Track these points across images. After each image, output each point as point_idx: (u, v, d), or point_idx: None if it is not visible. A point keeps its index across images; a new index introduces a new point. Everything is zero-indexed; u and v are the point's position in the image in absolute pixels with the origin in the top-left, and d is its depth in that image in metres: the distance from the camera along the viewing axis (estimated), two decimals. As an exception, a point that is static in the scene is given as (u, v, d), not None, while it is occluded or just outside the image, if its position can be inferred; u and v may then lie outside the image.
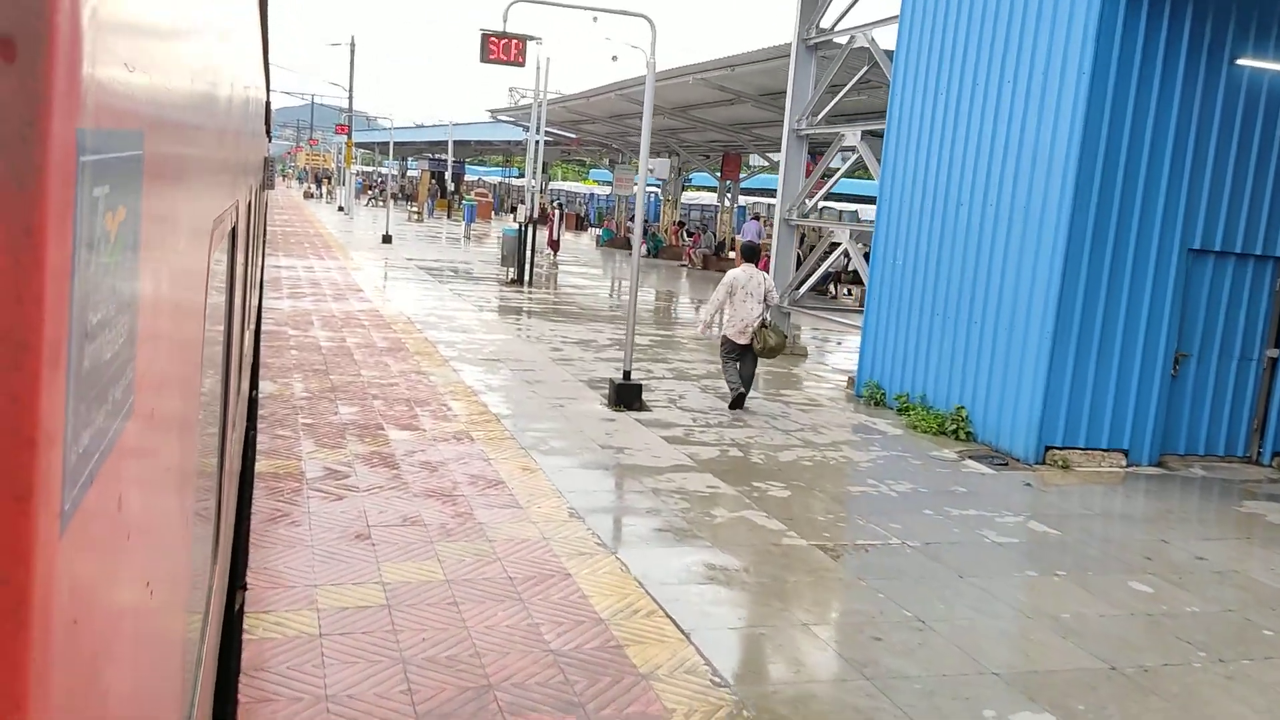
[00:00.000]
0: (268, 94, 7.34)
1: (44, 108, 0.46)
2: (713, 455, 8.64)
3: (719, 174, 33.58)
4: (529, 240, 22.12)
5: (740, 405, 10.69)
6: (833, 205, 39.96)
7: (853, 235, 13.50)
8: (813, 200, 14.77)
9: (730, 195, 33.65)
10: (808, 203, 14.76)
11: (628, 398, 10.13)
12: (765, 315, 10.67)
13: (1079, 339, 8.99)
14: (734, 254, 32.55)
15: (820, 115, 14.46)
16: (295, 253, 25.23)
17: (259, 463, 7.54)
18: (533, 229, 22.12)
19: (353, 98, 46.73)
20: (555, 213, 31.19)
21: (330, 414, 9.12)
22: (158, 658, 1.00)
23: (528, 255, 22.09)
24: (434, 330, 14.37)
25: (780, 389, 12.21)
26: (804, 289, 14.86)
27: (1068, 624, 5.60)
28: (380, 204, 58.97)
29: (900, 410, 10.77)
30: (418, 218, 47.05)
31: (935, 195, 10.58)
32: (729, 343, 10.72)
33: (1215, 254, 9.37)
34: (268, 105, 7.48)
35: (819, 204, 15.17)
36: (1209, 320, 9.48)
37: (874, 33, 12.95)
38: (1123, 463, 9.26)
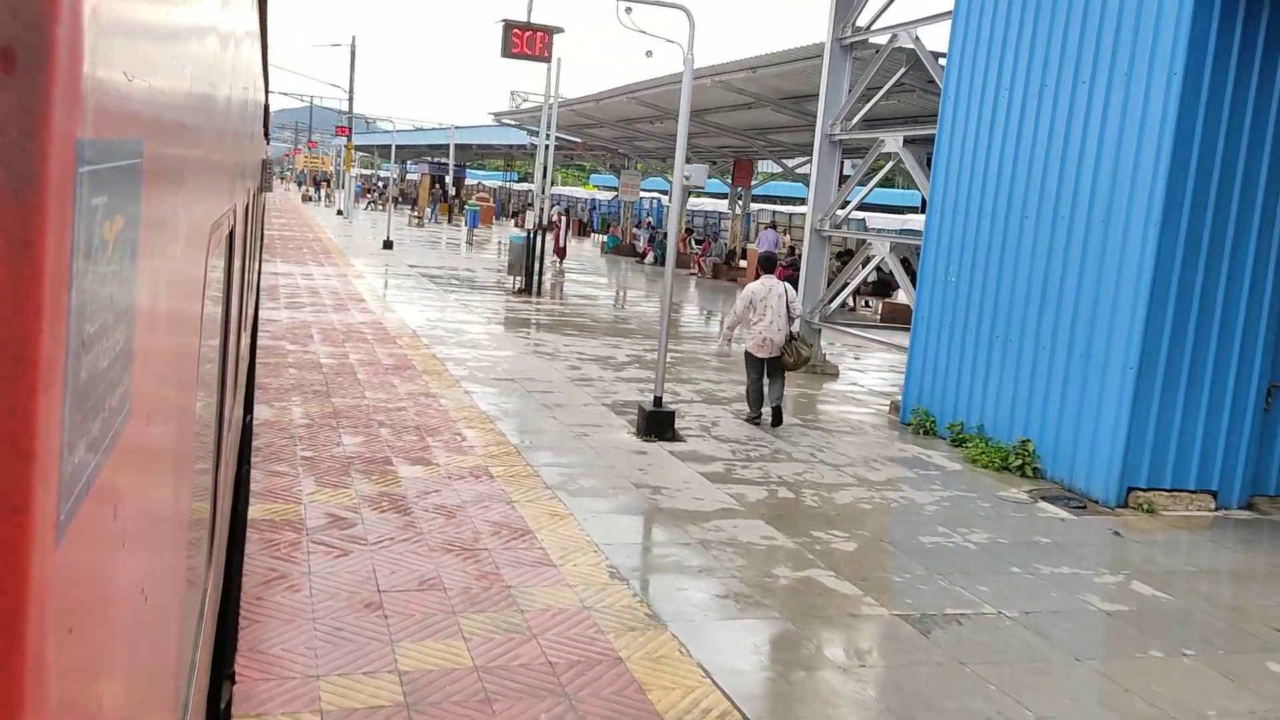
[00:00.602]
0: (266, 96, 7.29)
1: (43, 119, 0.46)
2: (760, 496, 7.72)
3: (730, 180, 32.65)
4: (537, 248, 21.20)
5: (758, 422, 10.19)
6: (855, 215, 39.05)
7: (892, 248, 12.59)
8: (845, 210, 13.85)
9: (741, 202, 32.73)
10: (839, 213, 13.86)
11: (659, 427, 9.21)
12: (792, 328, 10.22)
13: (1166, 369, 8.09)
14: (744, 263, 31.69)
15: (855, 120, 13.57)
16: (294, 259, 24.30)
17: (253, 506, 6.62)
18: (542, 236, 21.20)
19: (353, 99, 45.83)
20: (561, 219, 30.26)
21: (333, 445, 8.20)
22: (152, 664, 0.99)
23: (535, 264, 21.18)
24: (442, 345, 13.45)
25: (818, 413, 11.29)
26: (835, 304, 13.95)
27: (1217, 724, 4.69)
28: (380, 208, 58.03)
29: (954, 441, 9.85)
30: (418, 222, 46.14)
31: (996, 206, 9.68)
32: (750, 357, 10.33)
33: (1312, 275, 8.48)
34: (266, 107, 7.41)
35: (850, 214, 14.24)
36: (1303, 347, 8.58)
37: (919, 31, 12.06)
38: (1211, 505, 8.36)
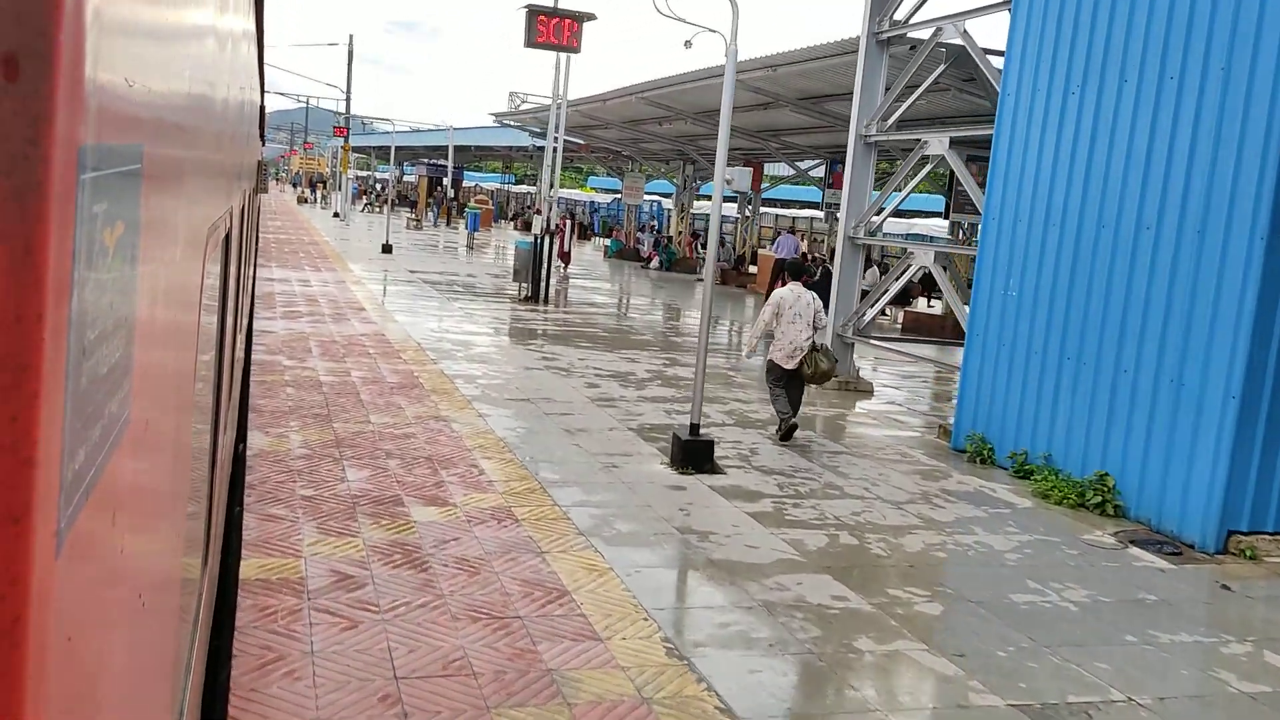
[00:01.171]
0: (262, 97, 7.05)
1: (46, 127, 0.46)
2: (821, 543, 6.82)
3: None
4: (544, 254, 20.30)
5: (790, 437, 9.69)
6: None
7: (937, 258, 11.70)
8: (881, 216, 12.98)
9: (751, 206, 31.83)
10: (874, 219, 12.98)
11: (697, 458, 8.31)
12: (815, 338, 9.77)
13: (1273, 399, 7.21)
14: (754, 268, 30.79)
15: (891, 120, 12.69)
16: (290, 263, 23.37)
17: (245, 561, 5.72)
18: (550, 241, 20.31)
19: (350, 99, 44.90)
20: (566, 223, 29.36)
21: (336, 480, 7.29)
22: (150, 669, 0.99)
23: (543, 270, 20.28)
24: (449, 361, 12.54)
25: (860, 437, 10.40)
26: (869, 316, 13.07)
27: None
28: (377, 210, 57.07)
29: (1018, 472, 8.97)
30: (416, 225, 45.20)
31: (1065, 212, 8.80)
32: (776, 368, 9.76)
33: None
34: (262, 108, 7.18)
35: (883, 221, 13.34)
36: None
37: (967, 23, 11.19)
38: (1317, 550, 7.48)
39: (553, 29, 10.22)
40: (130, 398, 0.72)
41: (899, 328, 22.20)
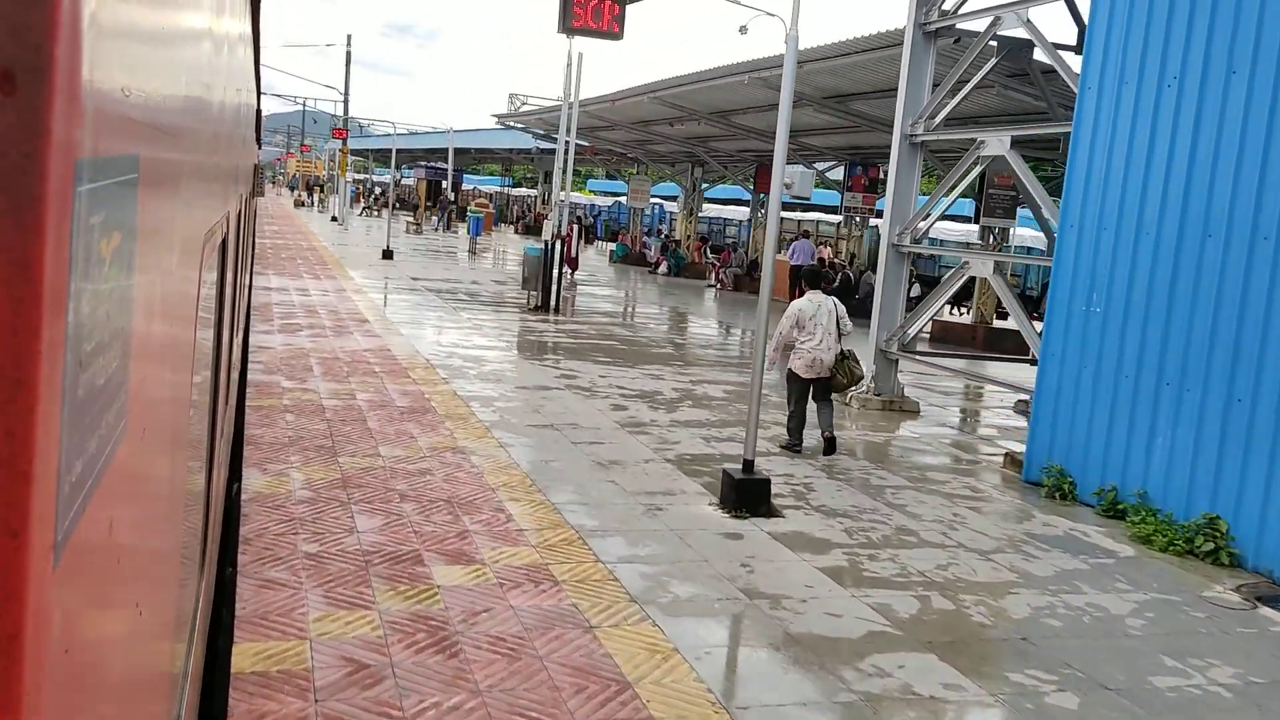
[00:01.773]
0: (258, 99, 6.94)
1: (42, 141, 0.46)
2: (912, 608, 5.84)
3: (752, 186, 30.79)
4: (554, 261, 19.32)
5: (799, 451, 9.30)
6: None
7: (998, 268, 10.72)
8: (928, 222, 12.00)
9: (764, 209, 30.81)
10: (921, 225, 12.01)
11: (752, 499, 7.34)
12: (841, 346, 9.39)
13: None
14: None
15: (938, 118, 11.73)
16: (288, 270, 22.37)
17: (240, 645, 4.74)
18: (563, 247, 19.33)
19: (348, 100, 43.91)
20: (574, 227, 28.38)
21: (344, 532, 6.31)
22: (149, 676, 0.99)
23: (553, 278, 19.30)
24: (462, 380, 11.55)
25: (921, 468, 9.41)
26: (914, 331, 12.10)
27: None
28: (375, 214, 56.05)
29: (1107, 511, 7.99)
30: (416, 229, 44.17)
31: (1162, 219, 7.84)
32: (796, 379, 9.42)
33: None
34: (258, 111, 7.03)
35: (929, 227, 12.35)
36: None
37: (1030, 11, 10.23)
38: None
39: (591, 12, 9.20)
40: (127, 408, 0.72)
41: (927, 337, 21.21)
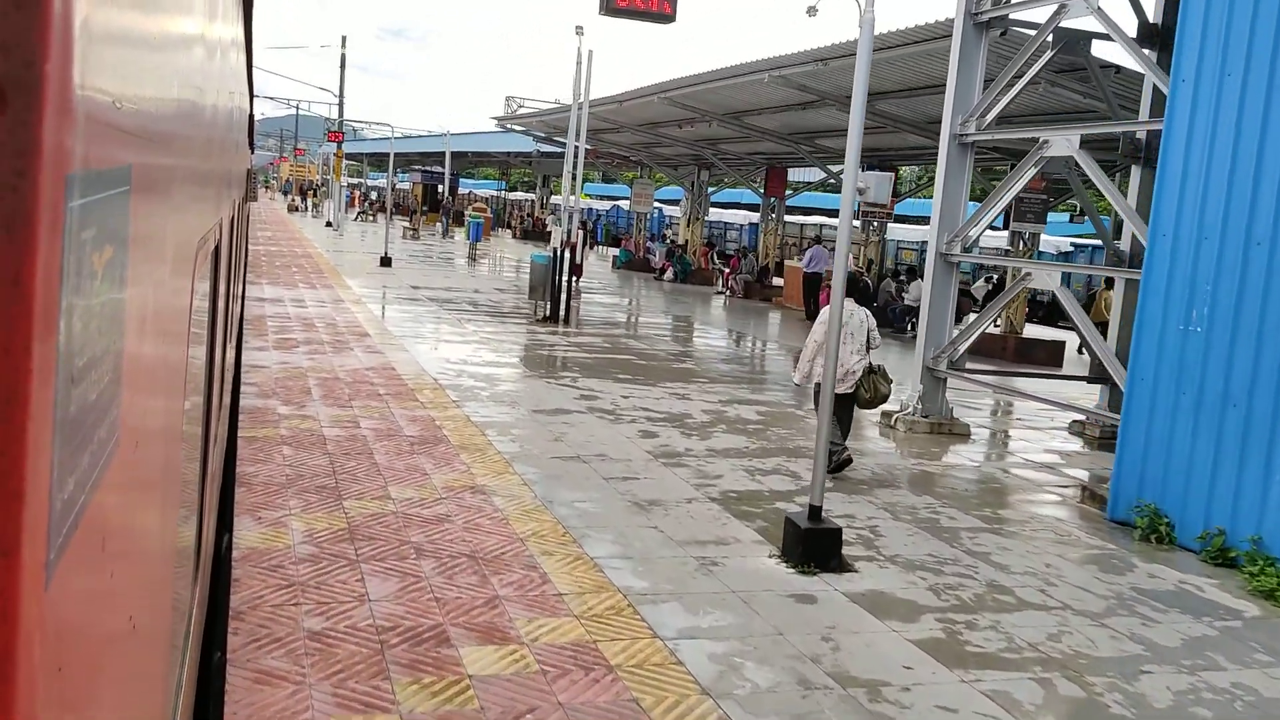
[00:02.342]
0: (251, 104, 6.67)
1: (34, 158, 0.46)
2: (1036, 697, 4.89)
3: (762, 189, 29.83)
4: (563, 269, 18.37)
5: (842, 470, 8.73)
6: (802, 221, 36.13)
7: (1065, 279, 9.79)
8: (978, 229, 11.06)
9: (775, 213, 29.87)
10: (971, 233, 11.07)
11: (822, 552, 6.38)
12: (870, 359, 8.92)
13: None
14: (779, 281, 28.84)
15: (989, 117, 10.81)
16: (282, 279, 21.38)
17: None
18: (573, 255, 18.38)
19: (343, 103, 42.94)
20: (579, 233, 27.41)
21: (353, 600, 5.35)
22: (141, 693, 1.00)
23: (562, 287, 18.35)
24: (474, 403, 10.58)
25: (990, 503, 8.46)
26: (964, 348, 11.16)
27: None
28: (370, 218, 55.05)
29: (1215, 558, 7.06)
30: (413, 235, 43.16)
31: (1278, 229, 6.91)
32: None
33: None
34: (250, 116, 6.78)
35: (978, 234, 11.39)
36: None
37: (1102, -1, 9.31)
38: None
39: (639, -11, 8.22)
40: (119, 423, 0.72)
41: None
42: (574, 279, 25.98)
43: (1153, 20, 11.23)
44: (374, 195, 68.04)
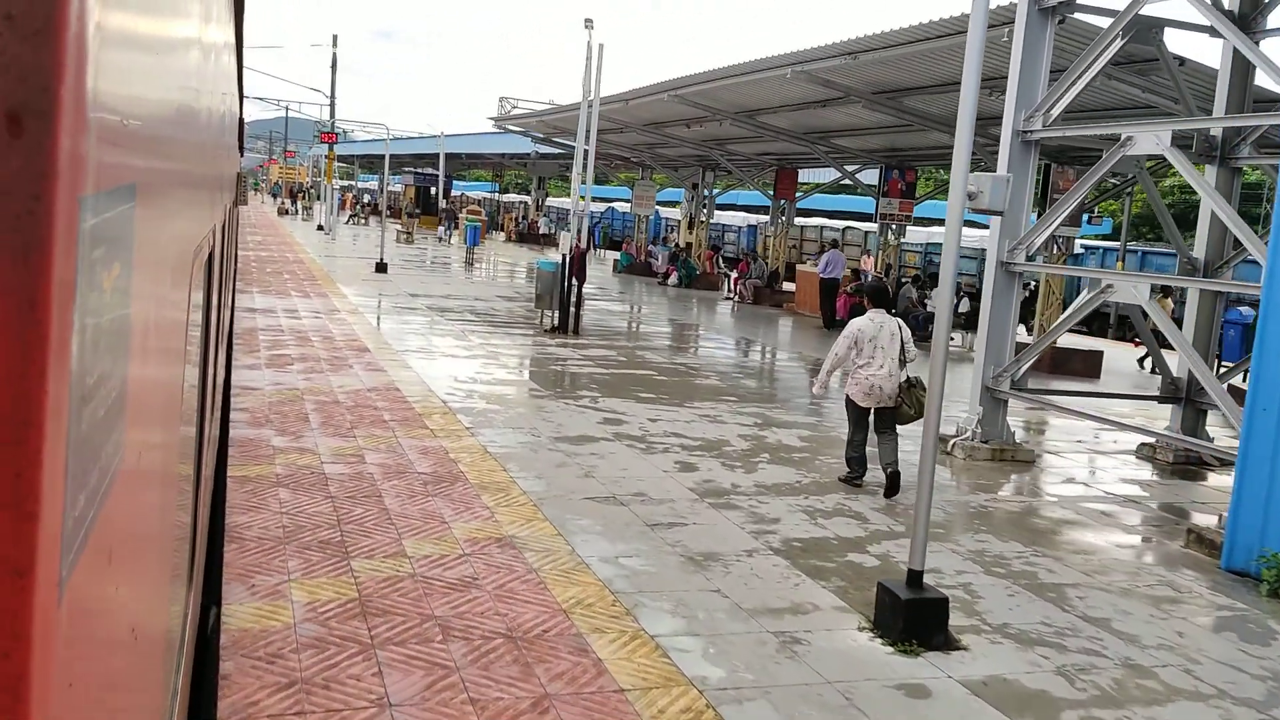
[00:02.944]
0: (241, 106, 6.73)
1: (49, 182, 0.46)
2: (1237, 835, 3.88)
3: (772, 191, 28.81)
4: (571, 276, 17.34)
5: (860, 485, 8.47)
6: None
7: (1154, 290, 8.78)
8: (1042, 236, 10.06)
9: (785, 216, 28.84)
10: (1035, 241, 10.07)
11: (925, 628, 5.35)
12: (907, 373, 8.58)
13: None
14: (790, 285, 27.85)
15: (1055, 112, 9.81)
16: (274, 288, 20.29)
17: None
18: (579, 262, 17.35)
19: (334, 103, 41.83)
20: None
21: (371, 706, 4.31)
22: (145, 703, 0.98)
23: (571, 296, 17.32)
24: (490, 430, 9.53)
25: (1086, 551, 7.45)
26: (1027, 365, 10.16)
27: None
28: (362, 221, 53.89)
29: (1369, 622, 6.06)
30: (407, 239, 42.06)
31: None
32: (854, 406, 8.54)
33: None
34: (240, 118, 6.74)
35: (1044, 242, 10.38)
36: None
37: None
38: None
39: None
40: (125, 437, 0.71)
41: (974, 356, 19.28)
42: (576, 283, 25.04)
43: (1228, 8, 10.25)
44: (366, 198, 66.90)
